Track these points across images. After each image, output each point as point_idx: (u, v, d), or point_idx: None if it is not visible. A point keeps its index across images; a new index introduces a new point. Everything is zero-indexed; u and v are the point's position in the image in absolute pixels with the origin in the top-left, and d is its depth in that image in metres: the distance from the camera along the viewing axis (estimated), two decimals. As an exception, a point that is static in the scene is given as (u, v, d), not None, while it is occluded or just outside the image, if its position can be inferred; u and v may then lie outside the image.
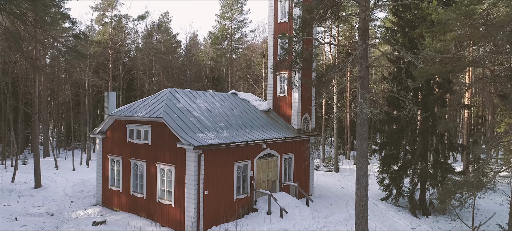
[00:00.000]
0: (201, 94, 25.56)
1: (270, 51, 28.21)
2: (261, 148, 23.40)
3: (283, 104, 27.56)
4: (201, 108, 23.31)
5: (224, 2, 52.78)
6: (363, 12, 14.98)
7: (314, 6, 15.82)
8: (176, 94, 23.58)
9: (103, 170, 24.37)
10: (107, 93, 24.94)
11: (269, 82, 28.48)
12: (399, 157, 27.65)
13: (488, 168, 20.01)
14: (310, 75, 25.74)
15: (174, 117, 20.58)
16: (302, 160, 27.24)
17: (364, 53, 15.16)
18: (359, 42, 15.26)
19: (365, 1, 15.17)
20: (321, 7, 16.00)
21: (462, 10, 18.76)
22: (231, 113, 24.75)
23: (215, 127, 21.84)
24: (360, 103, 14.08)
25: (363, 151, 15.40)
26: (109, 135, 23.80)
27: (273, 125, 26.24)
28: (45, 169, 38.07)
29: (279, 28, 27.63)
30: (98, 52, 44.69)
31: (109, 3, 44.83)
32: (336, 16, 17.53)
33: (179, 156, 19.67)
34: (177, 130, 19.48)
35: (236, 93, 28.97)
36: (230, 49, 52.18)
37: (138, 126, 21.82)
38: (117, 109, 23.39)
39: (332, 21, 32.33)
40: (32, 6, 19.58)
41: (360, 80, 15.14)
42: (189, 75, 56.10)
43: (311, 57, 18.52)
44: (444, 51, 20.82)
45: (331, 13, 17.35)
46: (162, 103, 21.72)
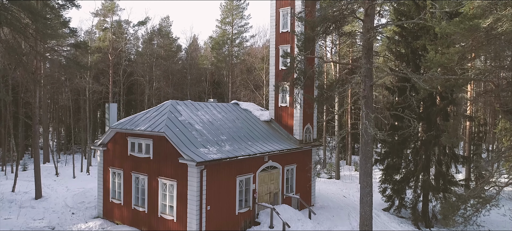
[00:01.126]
0: (203, 106, 25.43)
1: (272, 61, 28.08)
2: (263, 161, 23.28)
3: (285, 115, 27.43)
4: (202, 121, 23.17)
5: (224, 7, 52.63)
6: (367, 31, 14.85)
7: (318, 22, 15.68)
8: (178, 106, 23.44)
9: (104, 182, 24.24)
10: (108, 105, 24.79)
11: (270, 92, 28.35)
12: (401, 167, 27.54)
13: (492, 183, 19.94)
14: (312, 90, 25.65)
15: (176, 131, 20.45)
16: (304, 171, 27.12)
17: (368, 72, 15.03)
18: (363, 61, 15.13)
19: (369, 19, 15.04)
20: (324, 22, 15.85)
21: (465, 24, 18.67)
22: (233, 125, 24.62)
23: (217, 140, 21.71)
24: (365, 124, 13.95)
25: (367, 170, 15.27)
26: (110, 147, 23.66)
27: (275, 136, 26.11)
28: (46, 177, 37.90)
29: (281, 38, 27.50)
30: (99, 58, 44.54)
31: (109, 9, 44.65)
32: (340, 30, 17.37)
33: (181, 171, 19.54)
34: (179, 145, 19.35)
35: (237, 103, 28.84)
36: (231, 54, 52.04)
37: (139, 139, 21.68)
38: (118, 122, 23.26)
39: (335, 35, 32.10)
40: (33, 19, 19.43)
41: (364, 99, 15.02)
42: (189, 79, 55.92)
43: (313, 75, 18.34)
44: (447, 65, 20.76)
45: (334, 28, 17.20)
46: (164, 117, 21.59)
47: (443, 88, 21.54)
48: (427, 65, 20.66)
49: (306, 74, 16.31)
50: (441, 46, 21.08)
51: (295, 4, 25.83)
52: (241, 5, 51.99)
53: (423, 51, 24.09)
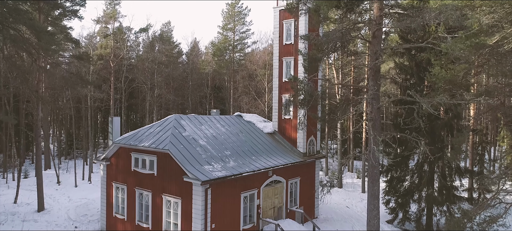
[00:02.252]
0: (206, 119, 25.32)
1: (275, 72, 27.99)
2: (267, 176, 23.18)
3: (288, 127, 27.33)
4: (206, 135, 23.07)
5: (226, 14, 52.51)
6: (374, 53, 14.74)
7: (324, 42, 15.56)
8: (182, 121, 23.33)
9: (107, 196, 24.12)
10: (111, 119, 24.69)
11: (274, 104, 28.25)
12: (406, 179, 27.45)
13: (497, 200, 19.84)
14: (316, 108, 25.59)
15: (180, 147, 20.34)
16: (308, 183, 27.04)
17: (375, 94, 14.93)
18: (371, 83, 15.02)
19: (376, 41, 14.93)
20: (330, 42, 15.72)
21: (472, 41, 18.55)
22: (237, 139, 24.51)
23: (221, 156, 21.61)
24: (373, 149, 13.86)
25: (374, 193, 15.18)
26: (114, 162, 23.54)
27: (279, 149, 26.01)
28: (47, 185, 37.74)
29: (285, 50, 27.40)
30: (100, 66, 44.41)
31: (111, 16, 44.51)
32: (345, 48, 17.26)
33: (186, 189, 19.44)
34: (184, 163, 19.24)
35: (241, 115, 28.74)
36: (232, 60, 51.90)
37: (143, 155, 21.57)
38: (122, 137, 23.14)
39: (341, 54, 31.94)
40: (38, 37, 19.32)
41: (372, 122, 14.91)
42: (190, 84, 55.76)
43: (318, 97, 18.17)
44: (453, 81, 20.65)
45: (340, 46, 17.09)
46: (168, 132, 21.48)
47: (449, 106, 21.42)
48: (432, 80, 20.58)
49: (312, 97, 16.20)
50: (445, 60, 20.98)
51: (298, 12, 25.56)
52: (242, 11, 51.88)
53: (427, 65, 23.98)
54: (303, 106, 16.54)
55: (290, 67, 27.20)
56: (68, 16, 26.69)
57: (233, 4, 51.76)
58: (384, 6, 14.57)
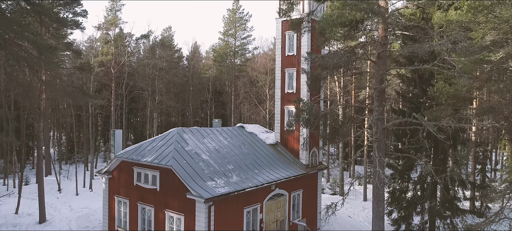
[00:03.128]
0: (209, 132, 25.22)
1: (278, 83, 27.89)
2: (270, 190, 23.10)
3: (291, 138, 27.25)
4: (209, 149, 22.98)
5: (227, 20, 52.40)
6: (380, 74, 14.66)
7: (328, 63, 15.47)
8: (184, 135, 23.24)
9: (109, 209, 24.04)
10: (113, 131, 24.60)
11: (276, 115, 28.17)
12: (408, 190, 27.36)
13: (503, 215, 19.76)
14: (318, 125, 25.55)
15: (183, 163, 20.25)
16: (310, 195, 26.98)
17: (380, 115, 14.85)
18: (376, 104, 14.94)
19: (381, 62, 14.84)
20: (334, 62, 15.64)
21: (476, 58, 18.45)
22: (239, 152, 24.42)
23: (224, 171, 21.52)
24: (378, 172, 13.77)
25: (379, 214, 15.10)
26: (116, 175, 23.46)
27: (281, 161, 25.93)
28: (48, 193, 37.60)
29: (287, 61, 27.30)
30: (101, 72, 44.31)
31: (112, 22, 44.41)
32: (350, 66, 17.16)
33: (189, 206, 19.35)
34: (187, 180, 19.16)
35: (243, 126, 28.64)
36: (234, 66, 51.80)
37: (146, 170, 21.48)
38: (124, 151, 23.05)
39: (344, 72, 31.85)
40: (39, 52, 19.23)
41: (377, 142, 14.83)
42: (191, 90, 55.64)
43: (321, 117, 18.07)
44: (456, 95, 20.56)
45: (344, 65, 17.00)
46: (170, 147, 21.39)
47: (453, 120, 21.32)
48: (436, 95, 20.50)
49: (316, 118, 16.11)
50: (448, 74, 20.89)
51: (301, 29, 25.52)
52: (243, 17, 51.77)
53: (430, 77, 23.91)
54: (306, 126, 16.45)
55: (293, 79, 27.12)
56: (70, 27, 26.59)
57: (234, 10, 51.66)
58: (388, 27, 14.48)
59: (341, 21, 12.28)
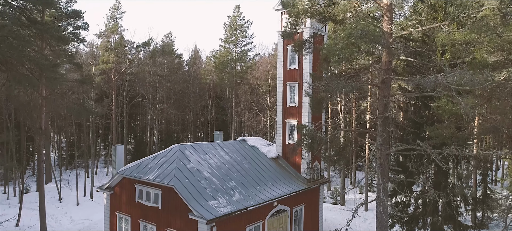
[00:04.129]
0: (211, 147, 25.14)
1: (279, 97, 27.83)
2: (272, 206, 23.03)
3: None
4: (211, 166, 22.90)
5: (228, 27, 52.30)
6: (384, 101, 14.58)
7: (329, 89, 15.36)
8: (186, 151, 23.15)
9: (111, 225, 23.95)
10: (114, 147, 24.52)
11: (278, 128, 28.10)
12: (410, 204, 27.29)
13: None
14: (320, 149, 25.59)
15: (185, 182, 20.17)
16: (312, 208, 26.91)
17: (385, 140, 14.78)
18: (380, 129, 14.87)
19: (385, 87, 14.76)
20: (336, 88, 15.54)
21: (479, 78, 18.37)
22: (241, 167, 24.35)
23: (226, 188, 21.44)
24: (382, 201, 13.70)
25: (383, 240, 15.03)
26: (117, 191, 23.38)
27: (283, 175, 25.86)
28: (49, 202, 37.50)
29: (289, 74, 27.25)
30: (102, 81, 44.20)
31: (113, 30, 44.31)
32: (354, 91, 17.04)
33: (191, 225, 19.26)
34: (189, 200, 19.08)
35: (244, 139, 28.56)
36: (235, 73, 51.68)
37: (147, 188, 21.41)
38: (126, 167, 22.97)
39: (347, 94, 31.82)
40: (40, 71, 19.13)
41: (380, 168, 14.76)
42: (192, 96, 55.55)
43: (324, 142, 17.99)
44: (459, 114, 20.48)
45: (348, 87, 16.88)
46: (172, 165, 21.31)
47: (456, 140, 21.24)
48: (439, 113, 20.43)
49: (319, 144, 16.04)
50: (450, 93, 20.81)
51: (303, 35, 25.29)
52: (244, 24, 51.66)
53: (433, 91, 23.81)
54: (309, 150, 16.36)
55: (294, 92, 27.05)
56: (71, 40, 26.49)
57: (235, 17, 51.55)
58: (393, 53, 14.39)
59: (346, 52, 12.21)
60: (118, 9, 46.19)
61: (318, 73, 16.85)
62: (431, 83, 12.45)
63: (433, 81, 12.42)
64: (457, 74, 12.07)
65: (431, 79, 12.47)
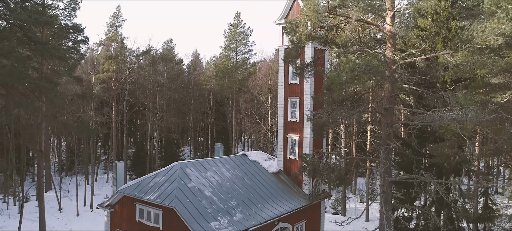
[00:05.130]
0: (212, 164, 25.01)
1: (280, 111, 27.72)
2: (273, 225, 22.94)
3: (294, 167, 27.06)
4: (212, 184, 22.79)
5: (228, 34, 52.17)
6: (387, 127, 14.48)
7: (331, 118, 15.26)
8: (187, 169, 23.03)
9: (111, 243, 23.84)
10: (115, 164, 24.43)
11: (279, 143, 27.99)
12: (412, 219, 27.19)
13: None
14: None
15: (186, 202, 20.06)
16: (313, 224, 26.82)
17: (388, 169, 14.67)
18: (382, 156, 14.76)
19: (388, 114, 14.65)
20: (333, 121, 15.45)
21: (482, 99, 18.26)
22: (242, 184, 24.24)
23: (227, 208, 21.33)
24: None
25: (386, 268, 14.94)
26: (118, 209, 23.26)
27: (284, 191, 25.75)
28: (49, 212, 37.35)
29: (290, 89, 27.13)
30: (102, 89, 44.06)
31: (113, 39, 44.17)
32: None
33: (192, 248, 19.14)
34: (190, 222, 18.97)
35: (245, 154, 28.44)
36: (235, 82, 51.54)
37: (148, 207, 21.29)
38: (127, 186, 22.85)
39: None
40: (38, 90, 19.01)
41: (384, 196, 14.66)
42: (192, 103, 55.43)
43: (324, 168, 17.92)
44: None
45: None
46: (173, 184, 21.19)
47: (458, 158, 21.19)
48: (441, 132, 20.34)
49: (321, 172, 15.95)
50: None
51: (304, 56, 25.23)
52: (245, 32, 51.54)
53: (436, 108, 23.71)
54: (310, 176, 16.29)
55: (296, 107, 26.93)
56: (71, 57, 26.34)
57: (236, 24, 51.42)
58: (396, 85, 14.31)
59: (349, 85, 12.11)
60: (118, 17, 46.05)
61: (319, 96, 16.73)
62: (436, 120, 12.32)
63: (438, 117, 12.29)
64: (462, 112, 11.93)
65: (436, 115, 12.36)
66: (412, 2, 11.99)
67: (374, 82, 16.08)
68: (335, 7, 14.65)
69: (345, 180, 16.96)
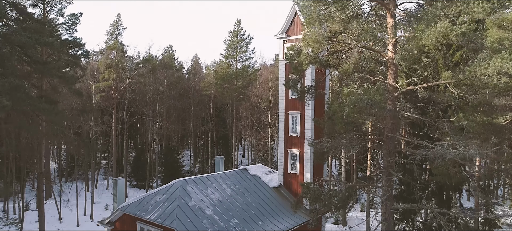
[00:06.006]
0: (212, 180, 24.97)
1: (281, 125, 27.67)
2: (274, 242, 22.88)
3: (294, 182, 27.04)
4: (213, 202, 22.74)
5: (229, 42, 52.09)
6: (389, 156, 14.43)
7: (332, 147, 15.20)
8: (187, 187, 22.98)
9: (112, 259, 23.79)
10: (116, 180, 24.37)
11: (280, 157, 27.95)
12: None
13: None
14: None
15: (186, 222, 20.01)
16: (314, 239, 26.75)
17: (390, 196, 14.63)
18: (384, 183, 14.72)
19: (390, 141, 14.60)
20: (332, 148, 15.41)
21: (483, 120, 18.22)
22: (243, 200, 24.20)
23: (228, 227, 21.29)
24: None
25: None
26: (118, 226, 23.22)
27: (285, 206, 25.71)
28: (49, 222, 37.30)
29: (291, 104, 27.04)
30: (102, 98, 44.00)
31: (113, 48, 44.09)
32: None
33: (193, 269, 19.11)
34: (191, 243, 18.92)
35: (246, 168, 28.38)
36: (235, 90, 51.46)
37: (149, 226, 21.24)
38: (127, 203, 22.81)
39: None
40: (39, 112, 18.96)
41: (386, 222, 14.62)
42: (192, 110, 55.35)
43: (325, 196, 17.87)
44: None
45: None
46: (174, 203, 21.15)
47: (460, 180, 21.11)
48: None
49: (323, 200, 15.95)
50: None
51: (305, 80, 25.19)
52: (245, 39, 51.47)
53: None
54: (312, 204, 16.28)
55: (296, 122, 26.87)
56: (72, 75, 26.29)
57: (236, 32, 51.35)
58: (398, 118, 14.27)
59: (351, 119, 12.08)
60: (119, 26, 45.96)
61: (321, 121, 16.69)
62: (438, 158, 12.28)
63: (440, 154, 12.25)
64: (464, 150, 11.88)
65: (438, 152, 12.31)
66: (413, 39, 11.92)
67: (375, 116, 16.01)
68: (336, 33, 14.60)
69: (346, 205, 16.91)
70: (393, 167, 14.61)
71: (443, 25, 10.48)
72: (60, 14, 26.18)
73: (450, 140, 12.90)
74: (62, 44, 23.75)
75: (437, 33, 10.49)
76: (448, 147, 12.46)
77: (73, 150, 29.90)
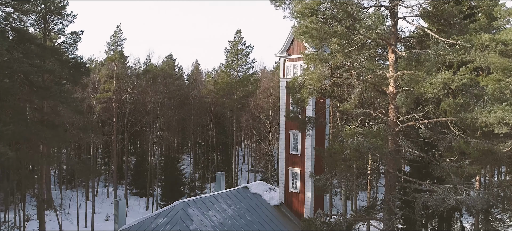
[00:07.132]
0: (213, 201, 25.02)
1: (282, 144, 27.73)
2: (275, 264, 22.95)
3: (295, 201, 27.10)
4: (214, 224, 22.79)
5: (229, 52, 52.10)
6: (390, 193, 14.48)
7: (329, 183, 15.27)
8: (189, 209, 23.03)
9: (113, 280, 23.85)
10: (117, 200, 24.41)
11: (280, 175, 28.04)
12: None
13: None
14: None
15: (188, 248, 20.07)
16: (314, 258, 26.80)
17: (391, 227, 14.68)
18: (386, 217, 14.76)
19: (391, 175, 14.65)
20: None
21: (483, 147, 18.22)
22: (245, 222, 24.26)
23: (229, 251, 21.36)
24: None
25: None
26: (120, 248, 23.26)
27: (285, 226, 25.78)
28: (49, 235, 37.34)
29: (291, 123, 27.03)
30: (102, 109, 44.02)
31: (113, 59, 44.08)
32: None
33: None
34: (192, 270, 18.97)
35: (247, 186, 28.45)
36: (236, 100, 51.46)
37: (150, 250, 21.29)
38: (128, 226, 22.85)
39: None
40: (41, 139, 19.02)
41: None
42: (193, 119, 55.34)
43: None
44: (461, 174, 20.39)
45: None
46: (175, 227, 21.20)
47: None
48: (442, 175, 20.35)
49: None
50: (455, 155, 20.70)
51: (305, 110, 25.22)
52: (245, 49, 51.49)
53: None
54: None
55: (297, 141, 26.92)
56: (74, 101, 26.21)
57: (236, 42, 51.37)
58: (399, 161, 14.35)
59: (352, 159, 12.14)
60: (119, 37, 45.97)
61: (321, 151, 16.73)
62: (439, 204, 12.33)
63: (441, 200, 12.29)
64: (465, 198, 11.92)
65: (439, 198, 12.35)
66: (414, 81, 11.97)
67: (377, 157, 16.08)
68: (338, 67, 14.64)
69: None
70: (394, 203, 14.66)
71: (444, 76, 10.53)
72: (61, 33, 26.20)
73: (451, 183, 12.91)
74: (63, 65, 23.74)
75: (439, 83, 10.53)
76: (449, 190, 12.48)
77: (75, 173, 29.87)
